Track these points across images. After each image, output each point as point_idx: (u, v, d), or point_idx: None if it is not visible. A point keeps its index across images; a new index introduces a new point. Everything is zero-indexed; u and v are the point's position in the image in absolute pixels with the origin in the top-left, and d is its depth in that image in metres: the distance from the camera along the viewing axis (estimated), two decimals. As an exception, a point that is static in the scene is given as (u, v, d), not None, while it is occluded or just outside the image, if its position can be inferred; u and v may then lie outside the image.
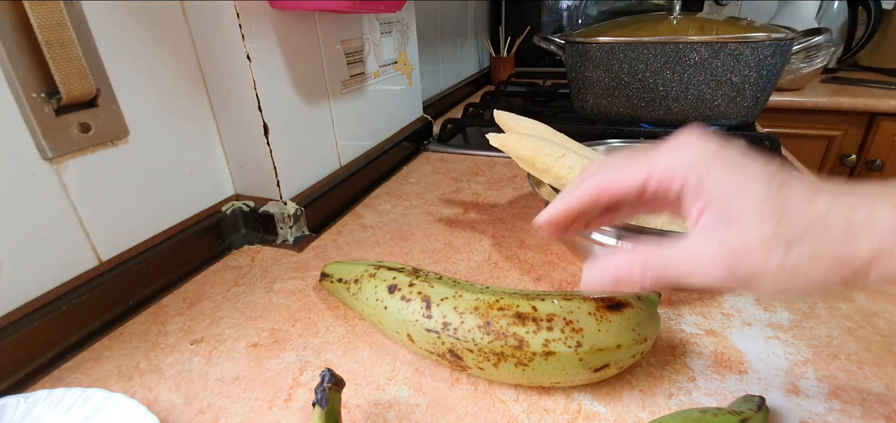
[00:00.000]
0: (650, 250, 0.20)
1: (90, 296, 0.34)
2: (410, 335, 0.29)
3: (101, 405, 0.26)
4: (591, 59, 0.66)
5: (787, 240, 0.17)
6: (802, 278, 0.17)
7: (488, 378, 0.28)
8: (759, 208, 0.18)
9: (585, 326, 0.26)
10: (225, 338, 0.34)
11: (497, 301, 0.27)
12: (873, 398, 0.27)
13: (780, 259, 0.17)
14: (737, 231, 0.18)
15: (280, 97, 0.44)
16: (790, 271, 0.17)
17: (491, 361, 0.26)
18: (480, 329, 0.26)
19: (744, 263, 0.18)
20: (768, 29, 0.58)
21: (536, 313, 0.26)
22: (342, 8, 0.42)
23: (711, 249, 0.19)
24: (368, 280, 0.32)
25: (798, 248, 0.17)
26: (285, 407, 0.28)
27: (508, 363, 0.26)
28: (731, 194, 0.19)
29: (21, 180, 0.30)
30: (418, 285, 0.30)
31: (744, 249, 0.18)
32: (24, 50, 0.29)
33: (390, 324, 0.30)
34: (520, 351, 0.26)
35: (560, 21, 1.23)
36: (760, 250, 0.18)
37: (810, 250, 0.17)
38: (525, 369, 0.26)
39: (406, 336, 0.29)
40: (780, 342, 0.31)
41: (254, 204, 0.47)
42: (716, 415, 0.23)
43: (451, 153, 0.72)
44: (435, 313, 0.28)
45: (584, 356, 0.25)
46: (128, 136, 0.36)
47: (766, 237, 0.18)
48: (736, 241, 0.18)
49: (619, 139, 0.52)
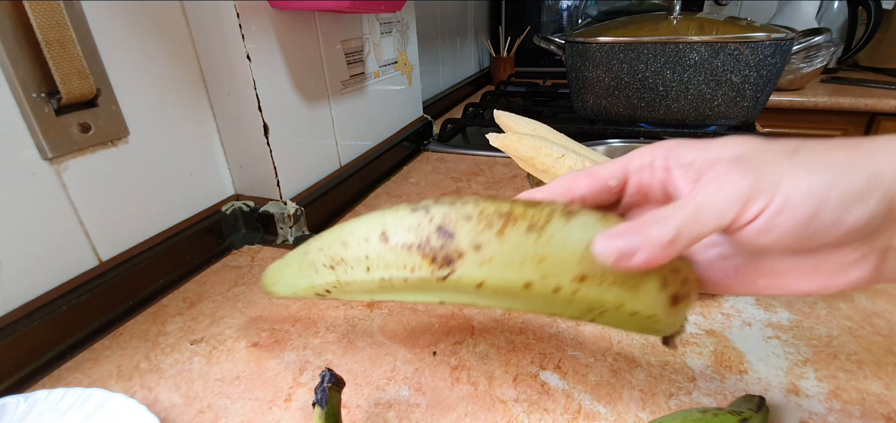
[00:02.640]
0: (668, 208, 0.17)
1: (90, 296, 0.34)
2: (385, 233, 0.19)
3: (101, 405, 0.26)
4: (591, 59, 0.66)
5: (787, 149, 0.16)
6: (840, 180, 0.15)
7: (486, 278, 0.18)
8: (753, 146, 0.17)
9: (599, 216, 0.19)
10: (225, 338, 0.34)
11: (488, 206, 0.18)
12: (873, 398, 0.27)
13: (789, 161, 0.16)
14: (745, 163, 0.17)
15: (280, 97, 0.44)
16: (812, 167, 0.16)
17: (494, 227, 0.18)
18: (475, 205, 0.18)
19: (753, 174, 0.16)
20: (768, 29, 0.58)
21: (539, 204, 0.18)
22: (342, 8, 0.42)
23: (732, 176, 0.16)
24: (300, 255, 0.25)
25: (804, 151, 0.16)
26: (285, 407, 0.28)
27: (518, 228, 0.18)
28: (724, 150, 0.18)
29: (21, 180, 0.30)
30: None
31: (750, 163, 0.16)
32: (24, 50, 0.29)
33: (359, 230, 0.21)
34: (533, 210, 0.18)
35: (560, 21, 1.23)
36: (766, 159, 0.16)
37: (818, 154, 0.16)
38: (539, 236, 0.18)
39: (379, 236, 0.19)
40: (780, 342, 0.31)
41: (254, 204, 0.47)
42: (716, 415, 0.23)
43: (451, 153, 0.72)
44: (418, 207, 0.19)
45: (613, 225, 0.18)
46: (128, 136, 0.36)
47: (773, 152, 0.16)
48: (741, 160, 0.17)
49: (619, 139, 0.52)
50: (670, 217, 0.16)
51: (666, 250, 0.16)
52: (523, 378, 0.29)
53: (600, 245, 0.17)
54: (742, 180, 0.16)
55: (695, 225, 0.16)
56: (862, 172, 0.15)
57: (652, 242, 0.16)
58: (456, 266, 0.18)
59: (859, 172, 0.15)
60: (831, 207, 0.15)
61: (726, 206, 0.16)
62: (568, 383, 0.29)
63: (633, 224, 0.17)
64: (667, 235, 0.16)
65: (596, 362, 0.30)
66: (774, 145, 0.17)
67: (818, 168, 0.16)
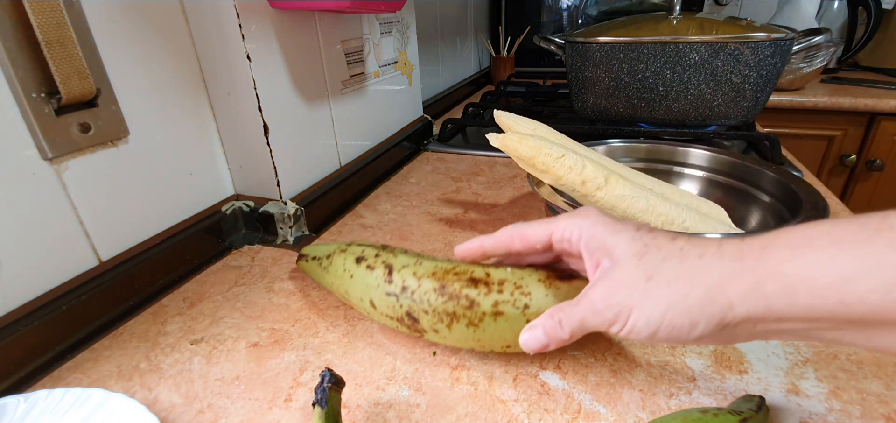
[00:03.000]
0: (566, 308, 0.23)
1: (90, 296, 0.34)
2: (372, 301, 0.30)
3: (101, 405, 0.26)
4: (591, 59, 0.66)
5: (647, 273, 0.21)
6: (674, 308, 0.20)
7: (444, 342, 0.30)
8: (629, 247, 0.22)
9: (534, 291, 0.27)
10: (225, 338, 0.34)
11: (453, 268, 0.29)
12: (873, 398, 0.27)
13: (642, 288, 0.21)
14: (617, 271, 0.22)
15: (280, 97, 0.44)
16: (656, 299, 0.20)
17: (444, 321, 0.28)
18: (435, 292, 0.28)
19: (618, 297, 0.21)
20: (768, 29, 0.58)
21: (488, 278, 0.28)
22: (342, 8, 0.42)
23: (600, 291, 0.22)
24: (339, 255, 0.33)
25: (657, 277, 0.21)
26: (285, 407, 0.28)
27: (460, 323, 0.27)
28: (609, 240, 0.23)
29: (21, 180, 0.30)
30: (383, 255, 0.31)
31: (619, 284, 0.21)
32: (24, 50, 0.29)
33: (355, 291, 0.31)
34: (471, 312, 0.27)
35: (560, 21, 1.23)
36: (629, 284, 0.21)
37: (668, 276, 0.20)
38: (476, 329, 0.27)
39: (369, 303, 0.31)
40: (780, 342, 0.31)
41: (254, 204, 0.47)
42: (716, 415, 0.23)
43: (451, 153, 0.72)
44: (395, 279, 0.29)
45: (532, 318, 0.26)
46: (128, 136, 0.36)
47: (632, 269, 0.21)
48: (615, 278, 0.22)
49: (619, 139, 0.52)
50: (565, 323, 0.23)
51: (564, 341, 0.23)
52: (523, 378, 0.29)
53: (524, 338, 0.25)
54: (607, 311, 0.22)
55: (581, 329, 0.23)
56: (694, 299, 0.19)
57: (555, 338, 0.24)
58: (424, 333, 0.29)
59: (692, 300, 0.20)
60: (665, 331, 0.20)
61: (600, 322, 0.22)
62: (568, 383, 0.29)
63: (541, 322, 0.24)
64: (564, 335, 0.23)
65: (596, 362, 0.30)
66: (645, 260, 0.21)
67: (659, 299, 0.20)
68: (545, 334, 0.24)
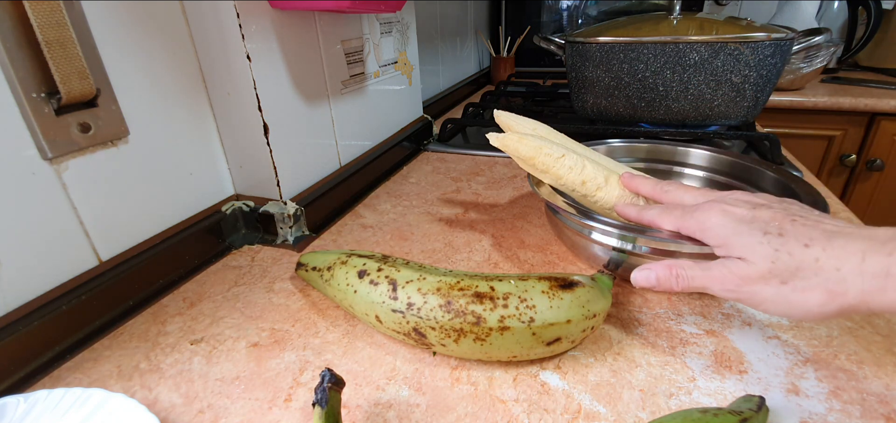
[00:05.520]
0: (686, 266, 0.27)
1: (90, 296, 0.34)
2: (378, 316, 0.31)
3: (101, 405, 0.26)
4: (591, 59, 0.66)
5: (780, 276, 0.23)
6: (798, 305, 0.23)
7: (451, 354, 0.30)
8: (757, 251, 0.24)
9: (538, 303, 0.28)
10: (225, 338, 0.34)
11: (458, 282, 0.29)
12: (873, 398, 0.27)
13: (775, 288, 0.23)
14: (744, 265, 0.24)
15: (280, 97, 0.44)
16: (785, 297, 0.23)
17: (452, 337, 0.28)
18: (442, 308, 0.28)
19: (747, 287, 0.24)
20: (768, 29, 0.58)
21: (493, 293, 0.28)
22: (342, 8, 0.42)
23: (726, 272, 0.25)
24: (340, 267, 0.33)
25: (791, 282, 0.23)
26: (285, 407, 0.28)
27: (468, 338, 0.28)
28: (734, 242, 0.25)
29: (21, 180, 0.30)
30: (386, 269, 0.31)
31: (748, 277, 0.24)
32: (24, 50, 0.29)
33: (360, 306, 0.32)
34: (477, 327, 0.27)
35: (560, 21, 1.23)
36: (760, 280, 0.24)
37: (802, 284, 0.23)
38: (483, 343, 0.28)
39: (375, 317, 0.31)
40: (780, 342, 0.31)
41: (254, 204, 0.47)
42: (716, 415, 0.23)
43: (451, 153, 0.72)
44: (400, 295, 0.29)
45: (537, 330, 0.27)
46: (128, 136, 0.36)
47: (763, 272, 0.24)
48: (743, 271, 0.24)
49: (619, 139, 0.52)
50: (682, 281, 0.27)
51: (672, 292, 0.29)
52: (523, 378, 0.29)
53: (636, 276, 0.29)
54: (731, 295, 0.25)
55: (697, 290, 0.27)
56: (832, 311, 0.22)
57: (665, 287, 0.28)
58: (431, 347, 0.30)
59: (828, 311, 0.22)
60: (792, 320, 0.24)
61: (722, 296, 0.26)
62: (568, 383, 0.29)
63: (657, 268, 0.28)
64: (676, 288, 0.27)
65: (596, 362, 0.30)
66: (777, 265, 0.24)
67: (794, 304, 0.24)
68: (657, 280, 0.27)
